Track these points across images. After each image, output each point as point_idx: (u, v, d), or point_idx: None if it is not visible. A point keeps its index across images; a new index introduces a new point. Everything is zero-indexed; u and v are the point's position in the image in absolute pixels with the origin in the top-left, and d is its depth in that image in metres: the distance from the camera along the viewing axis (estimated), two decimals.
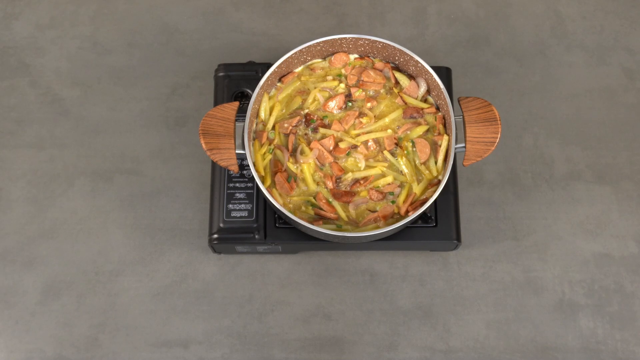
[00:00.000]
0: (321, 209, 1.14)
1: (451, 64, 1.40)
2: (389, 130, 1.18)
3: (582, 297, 1.29)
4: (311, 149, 1.16)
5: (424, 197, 1.14)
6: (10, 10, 1.46)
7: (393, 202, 1.15)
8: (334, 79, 1.21)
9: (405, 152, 1.17)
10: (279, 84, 1.21)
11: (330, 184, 1.15)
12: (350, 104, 1.20)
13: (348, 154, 1.17)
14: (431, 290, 1.30)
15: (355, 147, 1.17)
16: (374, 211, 1.15)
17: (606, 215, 1.33)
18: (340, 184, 1.16)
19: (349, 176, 1.16)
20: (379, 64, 1.22)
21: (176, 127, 1.39)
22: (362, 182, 1.16)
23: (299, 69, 1.22)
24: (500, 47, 1.44)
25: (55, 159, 1.37)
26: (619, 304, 1.29)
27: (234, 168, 1.12)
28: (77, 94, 1.41)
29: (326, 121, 1.19)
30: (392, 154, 1.17)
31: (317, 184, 1.16)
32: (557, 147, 1.37)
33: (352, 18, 1.46)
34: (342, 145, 1.17)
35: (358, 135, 1.18)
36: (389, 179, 1.16)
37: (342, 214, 1.14)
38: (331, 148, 1.17)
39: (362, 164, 1.17)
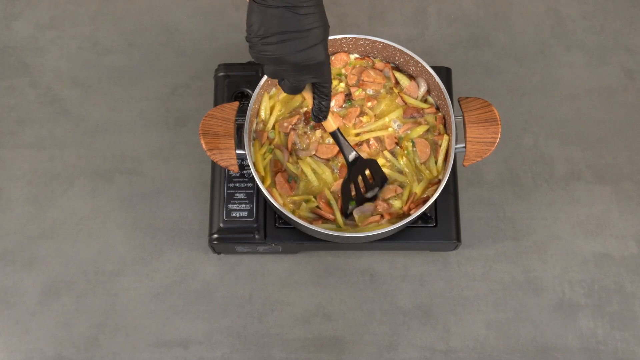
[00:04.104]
0: (319, 208, 1.14)
1: (451, 64, 1.40)
2: (390, 129, 1.18)
3: (582, 297, 1.29)
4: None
5: (425, 196, 1.14)
6: (10, 10, 1.46)
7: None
8: (334, 78, 1.21)
9: (406, 152, 1.17)
10: None
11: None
12: (349, 102, 1.20)
13: None
14: (431, 290, 1.30)
15: (361, 144, 1.17)
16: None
17: (606, 215, 1.33)
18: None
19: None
20: (379, 64, 1.22)
21: (176, 127, 1.39)
22: None
23: None
24: (500, 47, 1.43)
25: (55, 159, 1.37)
26: (619, 304, 1.28)
27: (234, 168, 1.12)
28: (77, 94, 1.41)
29: None
30: (393, 153, 1.17)
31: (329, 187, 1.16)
32: (557, 147, 1.37)
33: (352, 18, 1.46)
34: None
35: (359, 134, 1.18)
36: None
37: (340, 220, 1.14)
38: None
39: None
